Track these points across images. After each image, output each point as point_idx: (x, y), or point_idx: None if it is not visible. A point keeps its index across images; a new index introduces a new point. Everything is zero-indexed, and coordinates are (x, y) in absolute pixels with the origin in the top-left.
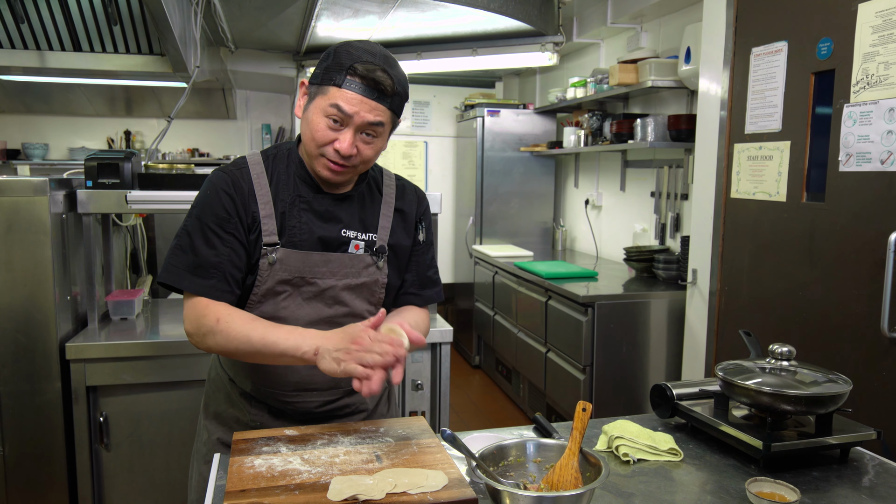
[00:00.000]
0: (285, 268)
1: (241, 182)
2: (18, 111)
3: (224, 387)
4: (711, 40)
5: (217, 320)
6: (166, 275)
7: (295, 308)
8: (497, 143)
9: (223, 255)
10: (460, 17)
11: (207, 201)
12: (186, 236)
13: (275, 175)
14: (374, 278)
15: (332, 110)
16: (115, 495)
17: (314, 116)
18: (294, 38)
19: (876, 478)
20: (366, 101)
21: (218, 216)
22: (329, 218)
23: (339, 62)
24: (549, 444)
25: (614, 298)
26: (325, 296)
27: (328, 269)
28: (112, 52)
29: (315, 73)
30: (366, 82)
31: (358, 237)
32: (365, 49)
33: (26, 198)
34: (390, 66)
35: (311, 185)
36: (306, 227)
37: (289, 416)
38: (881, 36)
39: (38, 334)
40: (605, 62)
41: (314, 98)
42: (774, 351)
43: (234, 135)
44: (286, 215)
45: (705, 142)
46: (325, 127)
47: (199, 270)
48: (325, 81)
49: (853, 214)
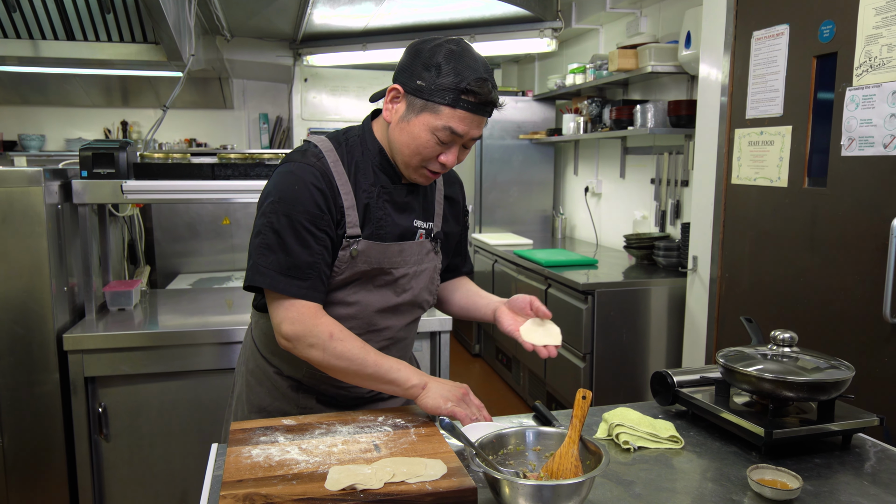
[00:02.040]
0: (366, 259)
1: (329, 174)
2: (14, 102)
3: (268, 379)
4: (712, 24)
5: (330, 336)
6: (259, 278)
7: (365, 295)
8: (496, 130)
9: (318, 255)
10: (457, 3)
11: (297, 196)
12: (274, 234)
13: (352, 164)
14: (433, 264)
15: (444, 131)
16: (115, 486)
17: (421, 132)
18: (290, 26)
19: (878, 464)
20: (476, 119)
21: (310, 213)
22: (405, 208)
23: (453, 81)
24: (548, 433)
25: (614, 286)
26: (397, 284)
27: (402, 258)
28: (106, 41)
29: (418, 84)
30: (480, 101)
31: (422, 226)
32: (471, 61)
33: (21, 188)
34: (491, 75)
35: (390, 175)
36: (390, 220)
37: (339, 404)
38: (884, 18)
39: (35, 325)
40: (604, 48)
41: (420, 112)
42: (776, 337)
43: (232, 124)
44: (370, 207)
45: (706, 127)
46: (434, 144)
47: (293, 271)
48: (435, 98)
49: (855, 199)
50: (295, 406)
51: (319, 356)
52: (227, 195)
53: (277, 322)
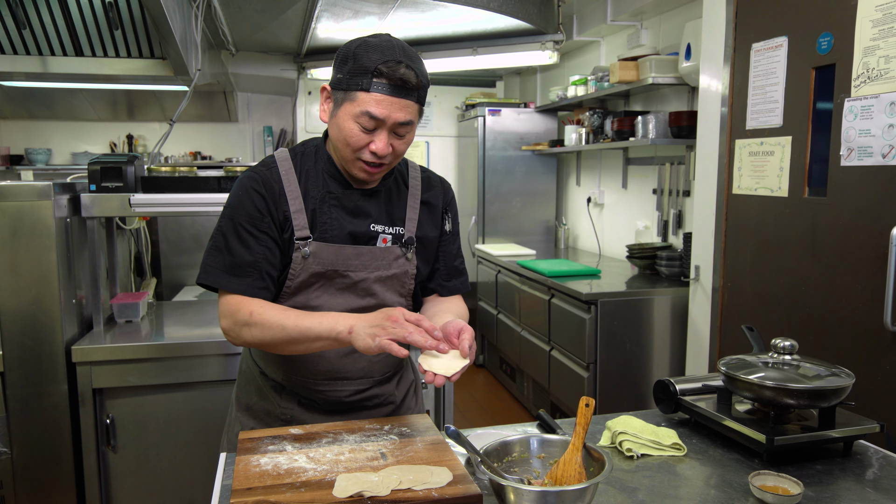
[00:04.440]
0: (318, 261)
1: (271, 181)
2: (21, 117)
3: (255, 379)
4: (712, 36)
5: (251, 313)
6: (205, 276)
7: (328, 298)
8: (498, 142)
9: (258, 254)
10: (460, 16)
11: (239, 201)
12: (221, 237)
13: (303, 172)
14: (403, 269)
15: (363, 116)
16: (122, 497)
17: (345, 122)
18: (294, 40)
19: (879, 471)
20: (395, 101)
21: (250, 215)
22: (358, 213)
23: (363, 65)
24: (552, 440)
25: (617, 296)
26: (358, 288)
27: (360, 261)
28: (114, 57)
29: (337, 77)
30: (392, 82)
31: (385, 231)
32: (384, 46)
33: (30, 202)
34: (411, 60)
35: (340, 181)
36: (337, 223)
37: (319, 408)
38: (881, 30)
39: (44, 337)
40: (605, 60)
41: (342, 104)
42: (777, 345)
43: (237, 137)
44: (317, 212)
45: (706, 138)
46: (359, 132)
47: (235, 269)
48: (351, 86)
49: (855, 209)
50: (277, 406)
51: (250, 335)
52: None
53: (219, 319)
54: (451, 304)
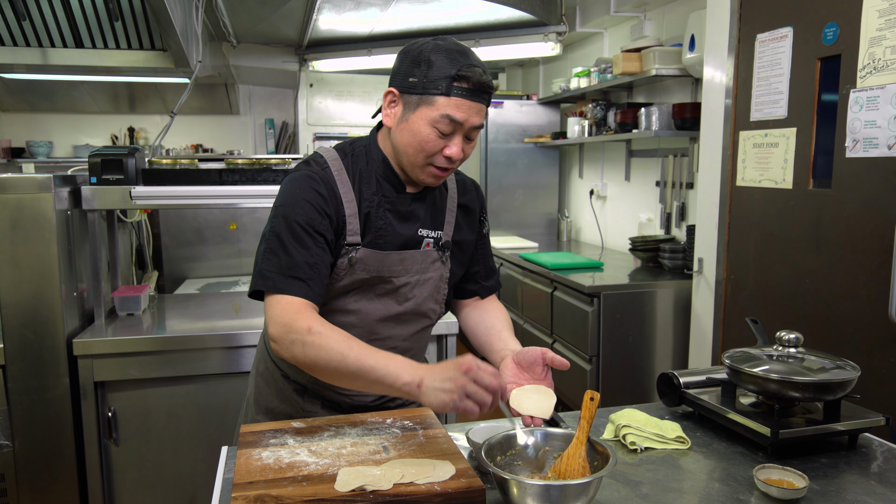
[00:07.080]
0: (364, 267)
1: (330, 181)
2: (22, 109)
3: (275, 382)
4: (716, 27)
5: (309, 330)
6: (262, 282)
7: (366, 303)
8: (501, 134)
9: (317, 256)
10: (462, 7)
11: (295, 200)
12: (276, 239)
13: (356, 173)
14: (439, 273)
15: (443, 121)
16: (125, 489)
17: (420, 127)
18: (296, 32)
19: (885, 464)
20: (473, 105)
21: (308, 216)
22: (408, 217)
23: (442, 69)
24: (556, 434)
25: (620, 288)
26: (399, 293)
27: (403, 266)
28: (114, 49)
29: (410, 81)
30: (472, 86)
31: (429, 235)
32: (457, 50)
33: (31, 195)
34: (482, 64)
35: (394, 184)
36: (391, 229)
37: (343, 410)
38: (888, 20)
39: (45, 331)
40: (608, 51)
41: (417, 107)
42: (782, 338)
43: (238, 130)
44: (371, 216)
45: (710, 130)
46: (435, 136)
47: (294, 270)
48: (428, 90)
49: (860, 201)
50: (300, 410)
51: (302, 354)
52: (234, 200)
53: (267, 325)
54: (496, 314)
